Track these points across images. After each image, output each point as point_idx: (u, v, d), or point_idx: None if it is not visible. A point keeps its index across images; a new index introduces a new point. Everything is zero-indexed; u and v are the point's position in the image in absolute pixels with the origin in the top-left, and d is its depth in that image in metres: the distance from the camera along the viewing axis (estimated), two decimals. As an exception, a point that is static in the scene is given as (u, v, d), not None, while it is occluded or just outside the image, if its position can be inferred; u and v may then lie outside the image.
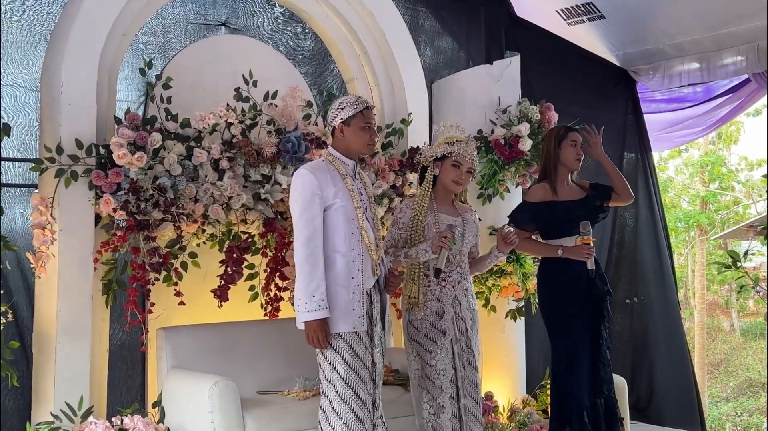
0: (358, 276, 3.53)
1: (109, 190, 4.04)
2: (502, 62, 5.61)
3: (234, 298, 4.37)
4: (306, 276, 3.41)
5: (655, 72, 6.50)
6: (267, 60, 4.91)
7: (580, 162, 4.42)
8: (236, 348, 4.43)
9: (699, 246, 13.89)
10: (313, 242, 3.44)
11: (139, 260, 4.07)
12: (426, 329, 3.94)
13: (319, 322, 3.42)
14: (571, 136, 4.42)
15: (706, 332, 13.64)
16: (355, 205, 3.55)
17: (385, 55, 5.21)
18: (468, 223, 4.06)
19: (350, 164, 3.63)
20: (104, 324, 4.30)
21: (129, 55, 4.57)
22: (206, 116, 4.28)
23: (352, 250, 3.52)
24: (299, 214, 3.46)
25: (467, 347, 4.00)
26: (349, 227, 3.53)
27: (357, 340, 3.51)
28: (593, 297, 4.31)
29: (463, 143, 4.01)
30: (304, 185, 3.47)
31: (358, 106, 3.58)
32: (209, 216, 4.25)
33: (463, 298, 4.03)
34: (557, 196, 4.38)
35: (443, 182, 4.04)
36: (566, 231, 4.35)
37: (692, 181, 14.64)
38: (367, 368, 3.53)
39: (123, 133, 4.05)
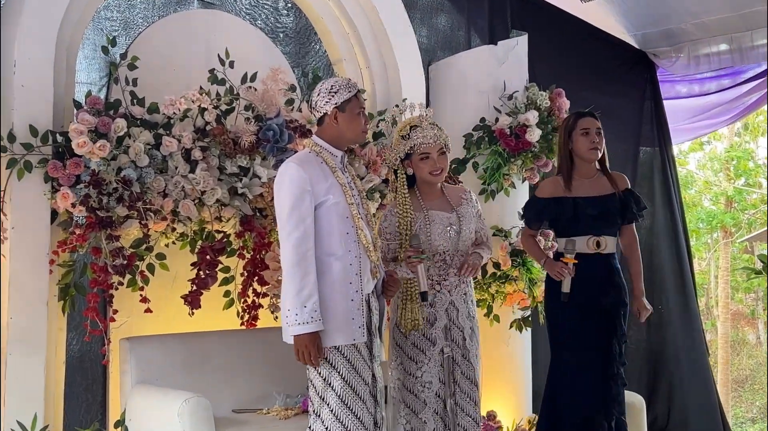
0: (356, 280, 3.50)
1: (68, 182, 4.02)
2: (508, 42, 5.61)
3: (207, 305, 4.35)
4: (296, 284, 3.36)
5: (679, 54, 6.51)
6: (245, 38, 4.91)
7: (599, 151, 4.41)
8: (209, 362, 4.43)
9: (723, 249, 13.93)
10: (304, 245, 3.39)
11: (101, 262, 4.05)
12: (414, 337, 3.94)
13: (311, 336, 3.37)
14: (581, 123, 4.42)
15: (730, 345, 13.68)
16: (348, 200, 3.52)
17: (378, 34, 5.21)
18: (464, 218, 4.05)
19: (338, 155, 3.61)
20: (61, 333, 4.27)
21: (90, 31, 4.56)
22: (177, 100, 4.26)
23: (348, 252, 3.49)
24: (288, 214, 3.41)
25: (464, 359, 3.99)
26: (343, 226, 3.50)
27: (355, 353, 3.48)
28: (604, 308, 4.32)
29: (417, 129, 4.00)
30: (292, 181, 3.43)
31: (352, 89, 3.56)
32: (179, 212, 4.23)
33: (462, 304, 4.02)
34: (570, 191, 4.38)
35: (422, 178, 4.04)
36: (576, 231, 4.36)
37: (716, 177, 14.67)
38: (366, 384, 3.50)
39: (83, 119, 4.03)
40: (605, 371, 4.31)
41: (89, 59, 4.57)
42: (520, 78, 5.53)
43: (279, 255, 4.25)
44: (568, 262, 4.26)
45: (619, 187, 4.45)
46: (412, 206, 3.99)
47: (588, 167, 4.45)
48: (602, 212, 4.37)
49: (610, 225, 4.39)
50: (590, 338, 4.32)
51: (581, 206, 4.35)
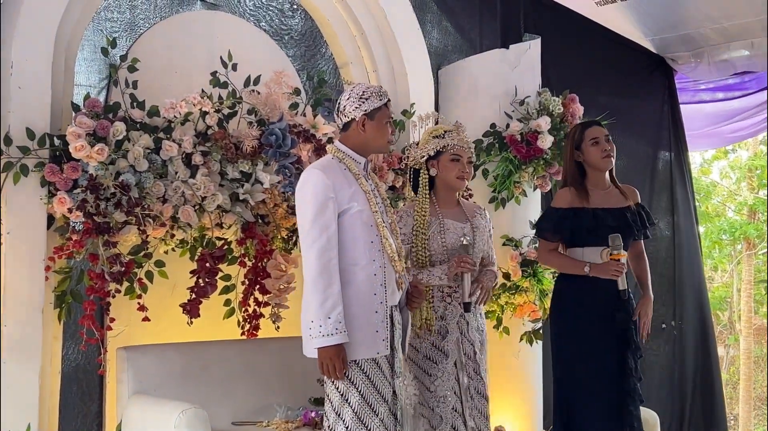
0: (381, 291, 3.46)
1: (65, 187, 4.04)
2: (520, 46, 5.61)
3: (207, 314, 4.35)
4: (320, 294, 3.31)
5: (699, 60, 6.50)
6: (249, 40, 4.92)
7: (612, 158, 4.39)
8: (208, 372, 4.43)
9: (746, 261, 13.84)
10: (328, 254, 3.35)
11: (98, 268, 4.05)
12: (426, 349, 3.95)
13: (336, 348, 3.32)
14: (589, 134, 4.40)
15: (753, 361, 13.59)
16: (373, 209, 3.50)
17: (386, 37, 5.23)
18: (478, 230, 4.07)
19: (362, 162, 3.58)
20: (56, 341, 4.28)
21: (90, 32, 4.57)
22: (177, 104, 4.28)
23: (373, 262, 3.46)
24: (311, 222, 3.38)
25: (476, 374, 4.01)
26: (368, 235, 3.47)
27: (375, 368, 3.44)
28: (617, 322, 4.31)
29: (454, 132, 4.05)
30: (316, 187, 3.39)
31: (383, 98, 3.55)
32: (179, 219, 4.24)
33: (471, 317, 4.03)
34: (588, 201, 4.37)
35: (445, 181, 4.06)
36: (590, 242, 4.34)
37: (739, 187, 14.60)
38: (385, 401, 3.45)
39: (81, 122, 4.04)
40: (621, 387, 4.29)
41: (89, 61, 4.57)
42: (532, 83, 5.53)
43: (281, 264, 4.30)
44: (620, 258, 4.24)
45: (632, 201, 4.45)
46: (429, 210, 4.03)
47: (600, 177, 4.43)
48: (621, 224, 4.35)
49: (626, 237, 4.36)
50: (606, 352, 4.29)
51: (600, 217, 4.33)
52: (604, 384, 4.28)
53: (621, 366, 4.29)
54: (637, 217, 4.41)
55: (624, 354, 4.30)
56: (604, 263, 4.28)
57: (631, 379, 4.29)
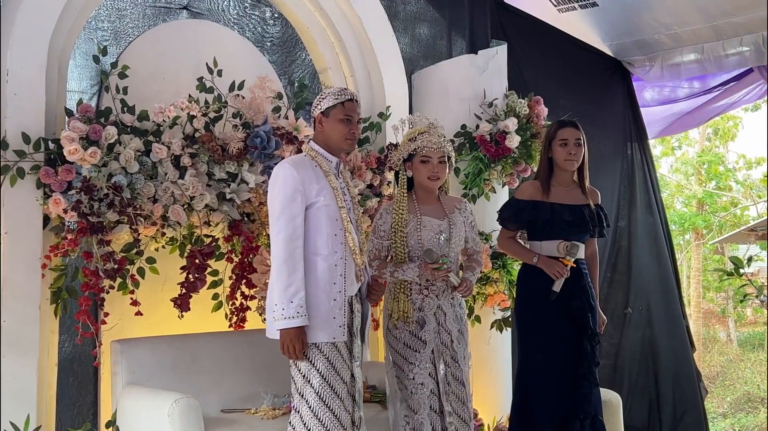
0: (340, 281, 3.52)
1: (59, 188, 3.99)
2: (488, 52, 5.60)
3: (196, 308, 4.33)
4: (284, 280, 3.38)
5: (653, 63, 6.52)
6: (233, 47, 4.88)
7: (575, 162, 4.39)
8: (198, 363, 4.40)
9: (695, 250, 13.99)
10: (294, 242, 3.42)
11: (92, 266, 4.02)
12: (405, 338, 3.95)
13: (297, 330, 3.39)
14: (560, 134, 4.39)
15: (702, 343, 13.73)
16: (339, 204, 3.55)
17: (362, 43, 5.21)
18: (455, 226, 4.06)
19: (333, 161, 3.64)
20: (53, 335, 4.23)
21: (81, 40, 4.51)
22: (166, 108, 4.24)
23: (334, 253, 3.51)
24: (279, 211, 3.45)
25: (453, 361, 4.00)
26: (332, 228, 3.52)
27: (335, 352, 3.49)
28: (573, 309, 4.31)
29: (425, 134, 4.03)
30: (285, 180, 3.46)
31: (340, 97, 3.59)
32: (169, 218, 4.21)
33: (449, 308, 4.03)
34: (548, 196, 4.38)
35: (419, 182, 4.06)
36: (548, 235, 4.36)
37: (688, 181, 14.74)
38: (344, 383, 3.51)
39: (74, 127, 3.99)
40: (576, 371, 4.30)
41: (80, 68, 4.51)
42: (499, 86, 5.53)
43: (266, 259, 4.26)
44: (567, 264, 4.26)
45: (592, 201, 4.46)
46: (407, 208, 4.00)
47: (565, 176, 4.44)
48: (576, 219, 4.37)
49: (581, 232, 4.39)
50: (562, 339, 4.31)
51: (558, 211, 4.35)
52: (559, 369, 4.29)
53: (577, 352, 4.30)
54: (594, 216, 4.43)
55: (580, 339, 4.31)
56: (550, 260, 4.30)
57: (585, 363, 4.30)
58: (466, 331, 4.12)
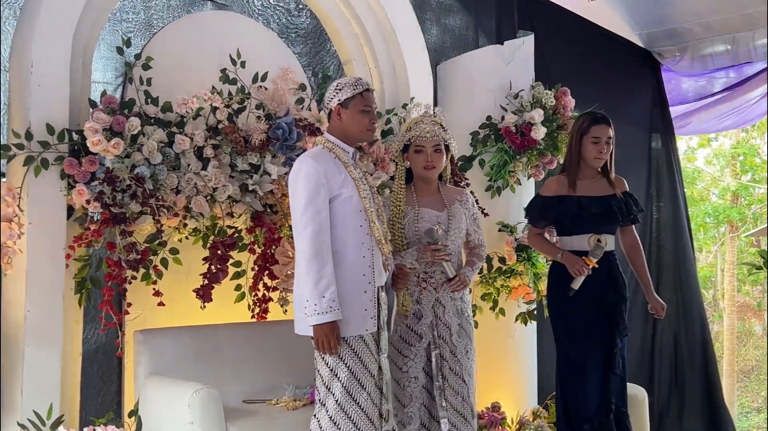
0: (369, 272, 3.50)
1: (83, 179, 4.01)
2: (514, 42, 5.55)
3: (219, 299, 4.32)
4: (315, 275, 3.34)
5: (683, 54, 6.43)
6: (257, 38, 4.86)
7: (602, 161, 4.36)
8: (220, 353, 4.41)
9: (729, 243, 13.81)
10: (321, 237, 3.39)
11: (115, 256, 4.03)
12: (401, 330, 3.94)
13: (331, 325, 3.35)
14: (593, 131, 4.34)
15: (737, 336, 13.57)
16: (362, 194, 3.52)
17: (386, 34, 5.17)
18: (454, 218, 4.02)
19: (350, 151, 3.61)
20: (77, 325, 4.27)
21: (106, 32, 4.53)
22: (189, 100, 4.24)
23: (362, 244, 3.49)
24: (304, 207, 3.41)
25: (452, 355, 3.96)
26: (357, 219, 3.50)
27: (362, 345, 3.47)
28: (607, 303, 4.28)
29: (420, 123, 3.99)
30: (308, 174, 3.42)
31: (358, 87, 3.55)
32: (192, 209, 4.21)
33: (448, 301, 3.99)
34: (574, 190, 4.33)
35: (416, 172, 4.05)
36: (578, 229, 4.32)
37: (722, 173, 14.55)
38: (372, 376, 3.48)
39: (98, 118, 4.00)
40: (608, 365, 4.27)
41: (105, 59, 4.53)
42: (525, 77, 5.47)
43: (288, 251, 4.26)
44: (590, 264, 4.23)
45: (618, 189, 4.40)
46: (405, 199, 3.98)
47: (591, 169, 4.41)
48: (604, 211, 4.33)
49: (611, 223, 4.35)
50: (596, 333, 4.28)
51: (585, 205, 4.31)
52: (591, 362, 4.27)
53: (607, 345, 4.27)
54: (622, 204, 4.38)
55: (612, 333, 4.27)
56: (574, 257, 4.27)
57: (616, 358, 4.26)
58: (468, 325, 4.06)
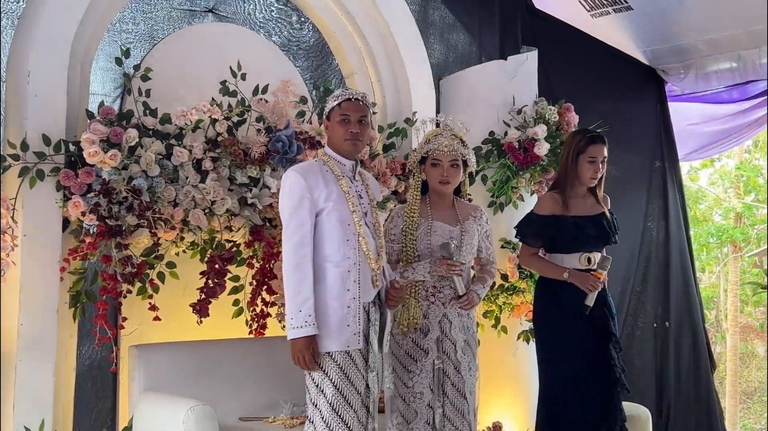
0: (354, 288, 3.43)
1: (79, 191, 3.95)
2: (518, 57, 5.49)
3: (216, 314, 4.26)
4: (293, 289, 3.33)
5: (687, 71, 6.35)
6: (258, 51, 4.80)
7: (596, 180, 4.29)
8: (217, 370, 4.32)
9: (732, 263, 13.72)
10: (302, 250, 3.36)
11: (111, 270, 3.97)
12: (407, 345, 3.86)
13: (306, 340, 3.31)
14: (590, 151, 4.25)
15: (739, 358, 13.47)
16: (351, 208, 3.46)
17: (389, 49, 5.13)
18: (467, 234, 3.94)
19: (347, 164, 3.55)
20: (71, 340, 4.20)
21: (105, 43, 4.48)
22: (188, 111, 4.18)
23: (347, 259, 3.43)
24: (287, 220, 3.40)
25: (456, 371, 3.87)
26: (344, 233, 3.44)
27: (348, 361, 3.40)
28: (595, 318, 4.20)
29: (438, 136, 3.93)
30: (292, 188, 3.41)
31: (339, 98, 3.52)
32: (190, 222, 4.15)
33: (455, 318, 3.91)
34: (568, 209, 4.26)
35: (431, 186, 3.98)
36: (571, 249, 4.25)
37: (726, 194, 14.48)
38: (358, 393, 3.41)
39: (95, 129, 3.96)
40: (607, 376, 4.17)
41: (104, 70, 4.47)
42: (529, 93, 5.41)
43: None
44: (600, 278, 4.15)
45: (606, 208, 4.35)
46: (419, 211, 3.91)
47: (582, 188, 4.33)
48: (599, 232, 4.27)
49: (604, 243, 4.30)
50: (586, 348, 4.19)
51: (581, 226, 4.23)
52: (586, 378, 4.16)
53: (603, 360, 4.18)
54: (611, 224, 4.33)
55: (605, 346, 4.19)
56: (584, 274, 4.19)
57: (615, 369, 4.17)
58: (473, 342, 3.98)
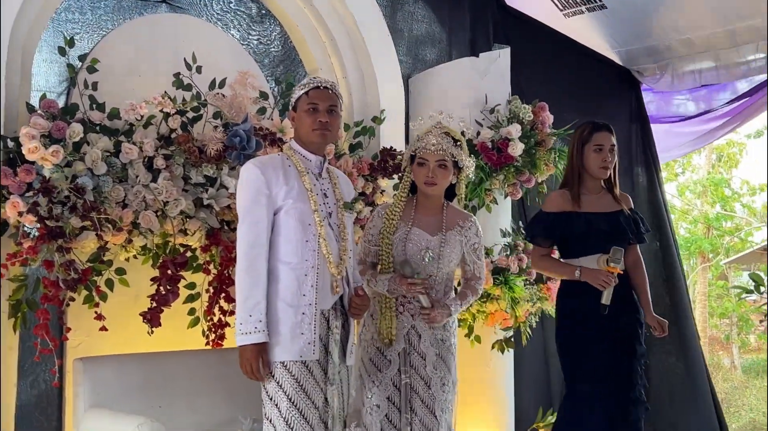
0: (311, 293, 3.13)
1: (18, 191, 3.61)
2: (490, 55, 5.24)
3: (171, 324, 3.93)
4: (244, 291, 3.06)
5: (663, 72, 6.13)
6: (215, 44, 4.49)
7: (608, 170, 3.98)
8: (170, 384, 3.99)
9: (701, 274, 13.61)
10: (255, 250, 3.09)
11: (53, 276, 3.61)
12: (372, 352, 3.57)
13: (255, 348, 3.04)
14: (595, 138, 3.96)
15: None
16: (312, 207, 3.16)
17: (355, 44, 4.88)
18: (447, 245, 3.59)
19: (313, 160, 3.26)
20: (11, 353, 3.85)
21: (49, 33, 4.16)
22: (138, 105, 3.84)
23: (305, 262, 3.14)
24: (242, 216, 3.14)
25: (425, 386, 3.53)
26: (303, 234, 3.15)
27: (305, 372, 3.11)
28: (621, 327, 3.87)
29: (428, 134, 3.63)
30: (249, 181, 3.14)
31: (305, 87, 3.24)
32: (140, 224, 3.80)
33: (425, 330, 3.56)
34: (579, 206, 3.95)
35: (418, 186, 3.67)
36: (586, 249, 3.92)
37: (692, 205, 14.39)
38: (316, 407, 3.11)
39: (36, 123, 3.64)
40: (627, 396, 3.84)
41: (48, 62, 4.14)
42: (502, 91, 5.15)
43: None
44: (613, 272, 3.81)
45: (625, 206, 4.03)
46: (402, 214, 3.61)
47: (594, 183, 4.01)
48: (614, 228, 3.94)
49: (620, 242, 3.93)
50: (610, 364, 3.85)
51: (593, 222, 3.92)
52: (612, 394, 3.83)
53: (627, 375, 3.86)
54: (631, 221, 4.00)
55: (630, 361, 3.87)
56: (595, 270, 3.85)
57: (637, 387, 3.87)
58: (449, 356, 3.62)
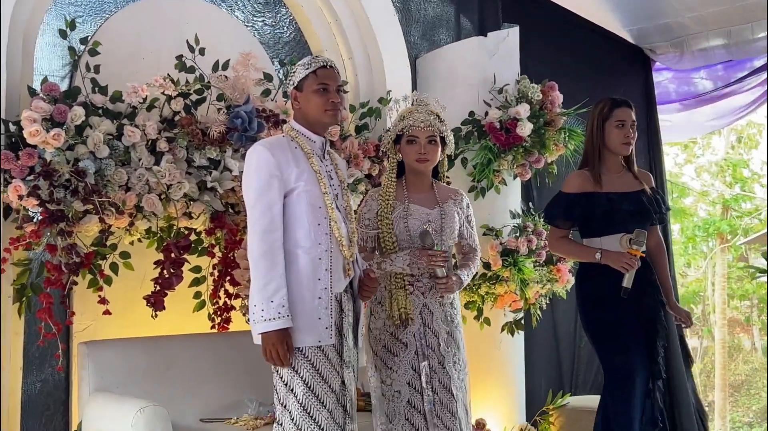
0: (325, 277, 3.05)
1: (20, 175, 3.55)
2: (498, 34, 5.13)
3: (177, 307, 3.89)
4: (263, 277, 2.94)
5: (677, 49, 6.00)
6: (220, 26, 4.46)
7: (630, 145, 3.86)
8: (175, 367, 3.95)
9: (720, 256, 13.44)
10: (272, 234, 2.97)
11: (56, 260, 3.57)
12: (385, 339, 3.47)
13: (279, 333, 2.93)
14: (616, 114, 3.85)
15: (727, 351, 13.21)
16: (322, 190, 3.08)
17: (361, 24, 4.81)
18: (447, 217, 3.55)
19: (317, 141, 3.17)
20: (16, 337, 3.81)
21: (52, 16, 4.09)
22: (140, 87, 3.79)
23: (318, 245, 3.05)
24: (254, 201, 3.01)
25: (440, 366, 3.47)
26: (314, 217, 3.06)
27: (321, 357, 3.02)
28: (644, 309, 3.76)
29: (414, 112, 3.56)
30: (259, 165, 3.02)
31: (311, 66, 3.13)
32: (143, 208, 3.75)
33: (437, 307, 3.51)
34: (600, 186, 3.85)
35: (408, 165, 3.61)
36: (609, 229, 3.82)
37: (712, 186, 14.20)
38: (333, 392, 3.03)
39: (37, 106, 3.57)
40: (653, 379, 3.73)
41: (50, 46, 4.08)
42: (510, 71, 5.05)
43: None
44: (636, 255, 3.70)
45: (647, 184, 3.92)
46: (395, 194, 3.55)
47: (614, 161, 3.90)
48: (637, 208, 3.82)
49: (643, 222, 3.82)
50: (637, 341, 3.72)
51: (616, 201, 3.81)
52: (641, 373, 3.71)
53: (652, 356, 3.74)
54: (653, 201, 3.89)
55: (653, 343, 3.75)
56: (617, 252, 3.74)
57: (658, 367, 3.73)
58: (458, 333, 3.57)
